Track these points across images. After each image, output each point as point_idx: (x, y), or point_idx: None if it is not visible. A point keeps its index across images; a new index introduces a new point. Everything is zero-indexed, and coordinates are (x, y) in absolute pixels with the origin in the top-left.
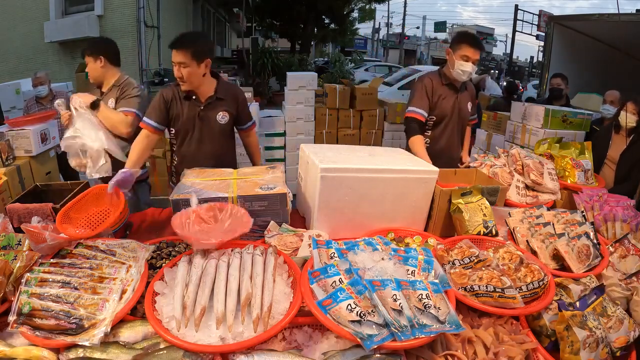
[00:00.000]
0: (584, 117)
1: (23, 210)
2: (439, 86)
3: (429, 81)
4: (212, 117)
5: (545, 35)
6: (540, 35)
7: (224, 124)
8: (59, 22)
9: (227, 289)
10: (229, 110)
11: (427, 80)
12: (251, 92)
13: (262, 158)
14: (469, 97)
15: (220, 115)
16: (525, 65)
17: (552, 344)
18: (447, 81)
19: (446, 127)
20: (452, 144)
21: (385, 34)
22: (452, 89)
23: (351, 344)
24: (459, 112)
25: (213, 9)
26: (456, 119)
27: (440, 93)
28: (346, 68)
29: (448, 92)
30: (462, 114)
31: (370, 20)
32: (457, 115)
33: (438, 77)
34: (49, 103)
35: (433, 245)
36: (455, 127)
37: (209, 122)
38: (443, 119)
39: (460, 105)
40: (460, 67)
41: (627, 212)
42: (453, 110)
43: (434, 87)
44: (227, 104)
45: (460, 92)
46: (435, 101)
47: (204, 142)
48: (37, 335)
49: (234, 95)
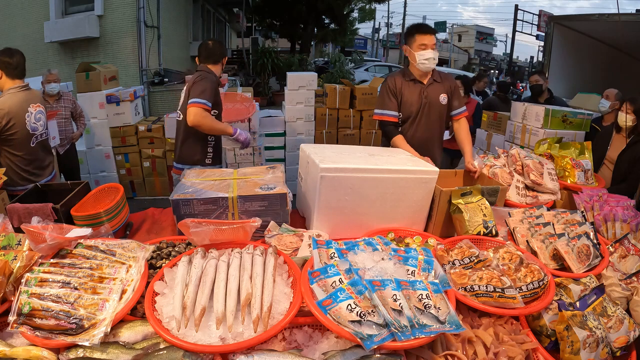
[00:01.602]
0: (584, 117)
1: (23, 210)
2: (403, 84)
3: (392, 81)
4: None
5: (545, 35)
6: (540, 35)
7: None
8: (59, 22)
9: (227, 289)
10: None
11: (389, 81)
12: (251, 92)
13: (262, 158)
14: (442, 89)
15: None
16: (525, 65)
17: (552, 344)
18: (410, 77)
19: (416, 121)
20: (429, 138)
21: (385, 34)
22: (417, 83)
23: (351, 344)
24: (429, 105)
25: (213, 9)
26: (426, 112)
27: (405, 90)
28: (346, 68)
29: (413, 88)
30: (433, 107)
31: (370, 20)
32: (426, 109)
33: (401, 76)
34: (55, 102)
35: (433, 245)
36: (428, 121)
37: None
38: (411, 115)
39: (430, 99)
40: (421, 57)
41: (627, 212)
42: (420, 104)
43: (397, 86)
44: None
45: (428, 85)
46: (400, 99)
47: None
48: (37, 335)
49: None
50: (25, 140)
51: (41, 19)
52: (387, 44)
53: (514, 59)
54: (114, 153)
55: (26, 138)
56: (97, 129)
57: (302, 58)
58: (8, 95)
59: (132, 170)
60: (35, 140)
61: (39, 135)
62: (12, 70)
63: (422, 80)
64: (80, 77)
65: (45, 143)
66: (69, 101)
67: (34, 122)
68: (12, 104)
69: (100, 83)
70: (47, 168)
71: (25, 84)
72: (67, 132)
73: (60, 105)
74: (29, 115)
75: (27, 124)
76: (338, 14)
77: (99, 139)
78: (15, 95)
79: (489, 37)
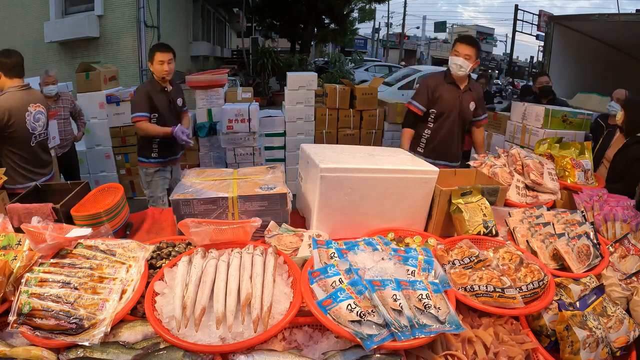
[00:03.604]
0: (584, 117)
1: (23, 210)
2: (442, 84)
3: (431, 79)
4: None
5: (545, 35)
6: (540, 35)
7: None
8: (59, 22)
9: (227, 289)
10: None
11: (430, 78)
12: (251, 92)
13: (262, 158)
14: (472, 97)
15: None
16: (525, 65)
17: (552, 344)
18: (450, 80)
19: (445, 121)
20: (451, 138)
21: (385, 34)
22: (455, 87)
23: (351, 344)
24: (460, 109)
25: (213, 9)
26: (456, 115)
27: (442, 90)
28: (346, 68)
29: (450, 90)
30: (462, 111)
31: (370, 20)
32: (457, 112)
33: (442, 76)
34: (53, 103)
35: (433, 245)
36: (455, 123)
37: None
38: (443, 114)
39: (462, 104)
40: (452, 61)
41: (627, 212)
42: (454, 107)
43: (436, 84)
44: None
45: (464, 91)
46: (436, 97)
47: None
48: (37, 335)
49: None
50: (25, 139)
51: (41, 19)
52: (387, 44)
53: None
54: (114, 153)
55: (26, 137)
56: (97, 129)
57: (302, 58)
58: (8, 94)
59: (132, 170)
60: (34, 140)
61: (38, 135)
62: (9, 70)
63: (459, 85)
64: (80, 77)
65: (44, 143)
66: (68, 101)
67: (34, 122)
68: (13, 102)
69: (100, 83)
70: (47, 167)
71: (25, 83)
72: (67, 132)
73: (59, 105)
74: (29, 115)
75: (27, 122)
76: (338, 14)
77: (99, 139)
78: (15, 94)
79: (489, 37)
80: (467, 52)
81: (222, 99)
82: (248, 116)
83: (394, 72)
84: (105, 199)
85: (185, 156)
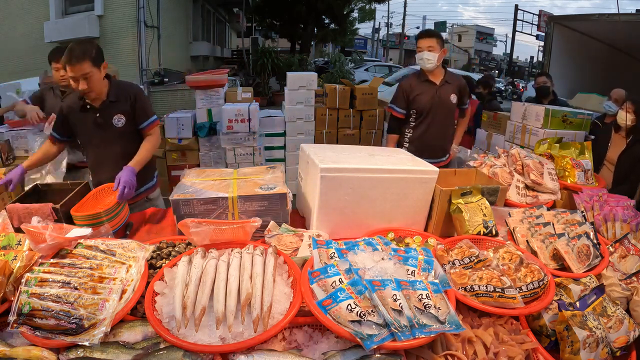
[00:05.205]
0: (584, 117)
1: (23, 210)
2: (417, 84)
3: (406, 81)
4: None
5: (545, 35)
6: (540, 35)
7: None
8: (59, 22)
9: (227, 289)
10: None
11: (404, 81)
12: (251, 92)
13: (262, 158)
14: (452, 89)
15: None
16: (525, 65)
17: (552, 344)
18: (424, 78)
19: (428, 118)
20: (441, 134)
21: (385, 34)
22: (430, 84)
23: (351, 344)
24: (441, 103)
25: (213, 9)
26: (438, 111)
27: (418, 89)
28: (346, 68)
29: (426, 88)
30: (445, 105)
31: (370, 20)
32: (438, 107)
33: (416, 76)
34: None
35: (433, 245)
36: (439, 118)
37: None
38: (423, 112)
39: (442, 98)
40: (418, 57)
41: (627, 212)
42: (433, 103)
43: (411, 85)
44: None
45: (441, 85)
46: (412, 97)
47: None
48: (37, 335)
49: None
50: None
51: (41, 19)
52: (387, 44)
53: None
54: None
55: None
56: None
57: (302, 58)
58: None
59: None
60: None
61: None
62: None
63: (434, 80)
64: None
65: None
66: None
67: None
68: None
69: None
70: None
71: None
72: None
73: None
74: None
75: None
76: (338, 14)
77: None
78: None
79: (489, 37)
80: (428, 44)
81: (222, 99)
82: (248, 116)
83: (394, 72)
84: (105, 199)
85: (186, 156)
